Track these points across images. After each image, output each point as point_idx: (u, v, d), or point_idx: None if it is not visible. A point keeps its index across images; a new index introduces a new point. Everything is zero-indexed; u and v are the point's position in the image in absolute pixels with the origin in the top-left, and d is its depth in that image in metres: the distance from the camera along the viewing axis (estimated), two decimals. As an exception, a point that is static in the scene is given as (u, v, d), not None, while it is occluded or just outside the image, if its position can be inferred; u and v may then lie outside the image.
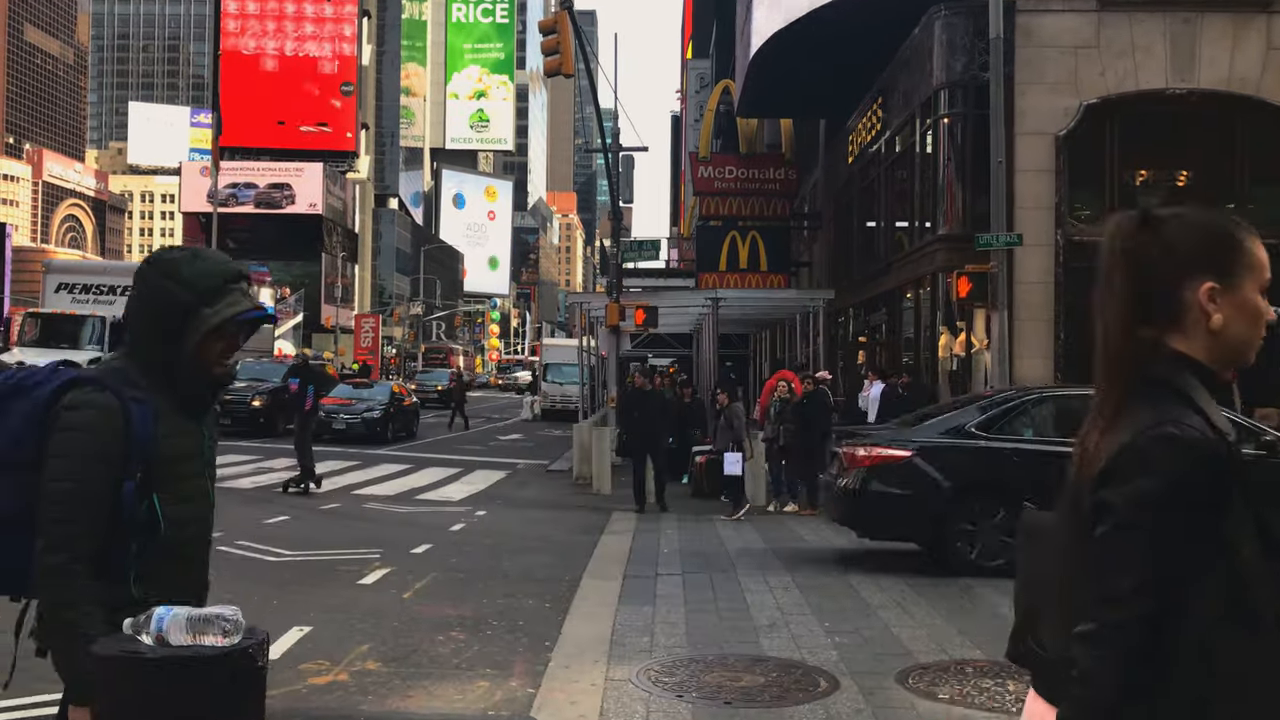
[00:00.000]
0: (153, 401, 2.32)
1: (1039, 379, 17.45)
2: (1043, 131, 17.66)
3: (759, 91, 26.84)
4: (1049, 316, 17.72)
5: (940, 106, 18.78)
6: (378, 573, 8.59)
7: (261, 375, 26.01)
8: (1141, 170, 18.69)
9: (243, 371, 25.55)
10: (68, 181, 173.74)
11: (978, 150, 18.53)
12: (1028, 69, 17.73)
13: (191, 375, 2.38)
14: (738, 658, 6.18)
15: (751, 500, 14.78)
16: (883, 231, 23.27)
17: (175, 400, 2.38)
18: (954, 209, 18.73)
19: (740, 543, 10.94)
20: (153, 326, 2.38)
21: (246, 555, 9.48)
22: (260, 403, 24.67)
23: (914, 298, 20.46)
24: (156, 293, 2.39)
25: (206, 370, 2.41)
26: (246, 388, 24.90)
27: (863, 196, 25.37)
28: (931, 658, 6.27)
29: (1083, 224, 18.27)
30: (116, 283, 25.81)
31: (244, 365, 25.92)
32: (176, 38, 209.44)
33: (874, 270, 23.81)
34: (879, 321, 24.27)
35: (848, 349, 27.01)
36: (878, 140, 23.11)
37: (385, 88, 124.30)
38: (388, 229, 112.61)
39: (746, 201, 30.16)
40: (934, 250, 18.89)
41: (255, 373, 25.99)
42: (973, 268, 15.50)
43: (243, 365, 25.95)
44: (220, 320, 2.36)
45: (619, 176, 20.78)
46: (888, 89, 22.23)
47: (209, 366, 2.41)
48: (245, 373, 25.54)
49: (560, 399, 39.05)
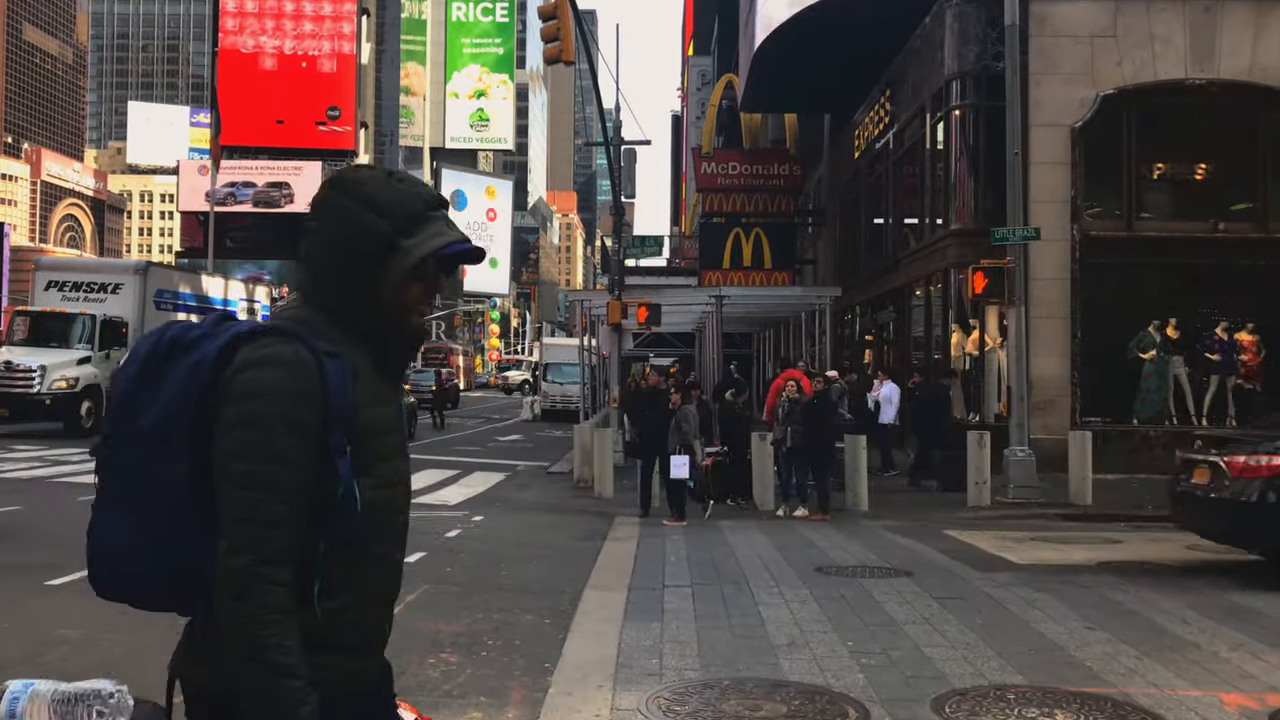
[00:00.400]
0: (348, 357, 1.84)
1: (1055, 378, 16.94)
2: (1058, 123, 17.15)
3: (763, 85, 26.30)
4: (1065, 313, 17.20)
5: (952, 98, 18.26)
6: (366, 585, 8.04)
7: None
8: (1159, 163, 18.15)
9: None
10: (66, 181, 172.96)
11: (991, 142, 17.99)
12: (1042, 59, 17.22)
13: (391, 325, 1.93)
14: (756, 682, 5.64)
15: (760, 504, 14.26)
16: (891, 227, 22.74)
17: (371, 358, 1.92)
18: (966, 203, 18.21)
19: (750, 551, 10.40)
20: (342, 264, 1.90)
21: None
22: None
23: (924, 295, 19.92)
24: (347, 221, 1.90)
25: (404, 319, 1.94)
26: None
27: (870, 192, 24.84)
28: (968, 682, 5.73)
29: (1099, 218, 17.76)
30: (107, 280, 25.27)
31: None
32: (176, 37, 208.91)
33: (881, 267, 23.27)
34: (887, 319, 23.73)
35: (854, 347, 26.47)
36: (885, 134, 22.57)
37: (385, 86, 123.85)
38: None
39: (750, 198, 29.63)
40: (945, 246, 18.36)
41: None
42: (988, 262, 14.97)
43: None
44: (422, 254, 1.90)
45: (621, 171, 20.24)
46: (896, 81, 21.70)
47: (406, 314, 1.94)
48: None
49: (560, 399, 38.58)
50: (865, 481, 14.33)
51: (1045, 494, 14.69)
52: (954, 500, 14.88)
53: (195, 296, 28.09)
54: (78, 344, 23.59)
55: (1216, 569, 9.45)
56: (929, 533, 12.01)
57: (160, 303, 26.05)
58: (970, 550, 10.52)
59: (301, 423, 1.75)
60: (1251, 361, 17.58)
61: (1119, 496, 15.08)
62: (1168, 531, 12.29)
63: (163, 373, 1.83)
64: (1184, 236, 17.42)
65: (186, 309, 27.56)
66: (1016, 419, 14.90)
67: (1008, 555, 10.25)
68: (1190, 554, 10.40)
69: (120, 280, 25.21)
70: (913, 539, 11.49)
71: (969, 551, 10.42)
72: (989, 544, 11.01)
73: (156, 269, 27.71)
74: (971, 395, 18.26)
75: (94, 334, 23.68)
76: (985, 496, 14.31)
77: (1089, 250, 17.26)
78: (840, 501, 13.98)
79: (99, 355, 23.63)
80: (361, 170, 2.00)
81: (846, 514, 13.72)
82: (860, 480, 14.25)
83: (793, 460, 13.87)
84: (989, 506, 14.21)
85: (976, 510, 14.04)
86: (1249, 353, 17.64)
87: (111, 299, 24.98)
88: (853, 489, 14.25)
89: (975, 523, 13.00)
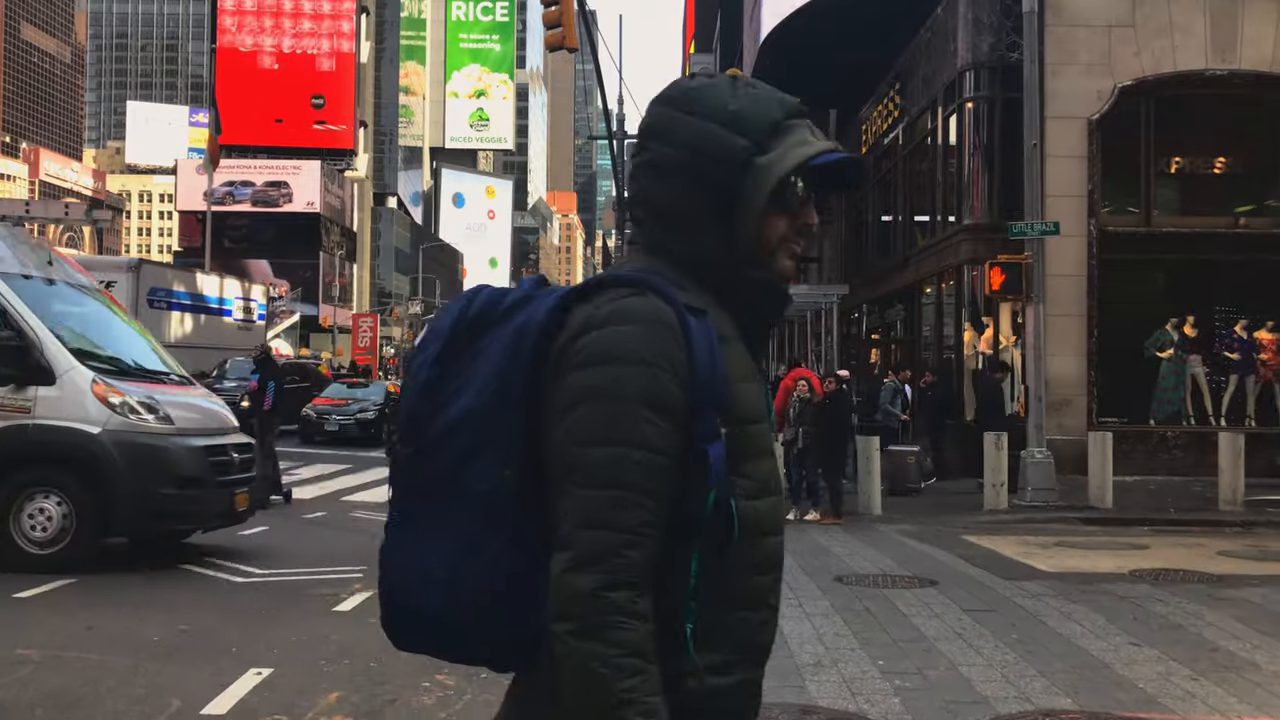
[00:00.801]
0: (710, 317, 1.41)
1: (1072, 377, 16.45)
2: (1074, 115, 16.65)
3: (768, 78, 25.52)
4: (1081, 311, 16.71)
5: (965, 89, 17.76)
6: (357, 597, 7.53)
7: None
8: (1178, 156, 17.67)
9: (233, 370, 24.49)
10: (65, 181, 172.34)
11: (1006, 135, 17.50)
12: (1059, 49, 16.73)
13: (752, 273, 1.48)
14: (782, 709, 5.14)
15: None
16: (900, 224, 22.24)
17: (730, 319, 1.47)
18: (979, 198, 17.71)
19: (763, 557, 9.90)
20: (687, 197, 1.47)
21: (212, 575, 8.43)
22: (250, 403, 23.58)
23: (935, 292, 19.42)
24: (690, 141, 1.46)
25: (770, 262, 1.50)
26: (237, 386, 23.90)
27: (877, 188, 24.34)
28: (1013, 706, 5.24)
29: (1116, 213, 17.27)
30: (101, 278, 24.55)
31: (233, 364, 24.86)
32: (175, 37, 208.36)
33: (889, 265, 22.79)
34: (895, 318, 23.23)
35: (860, 347, 25.98)
36: (894, 128, 22.09)
37: (384, 85, 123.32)
38: (386, 228, 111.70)
39: (754, 195, 29.07)
40: (958, 242, 17.87)
41: (244, 372, 24.94)
42: (1005, 257, 14.47)
43: (231, 364, 24.90)
44: (788, 168, 1.44)
45: (625, 165, 19.74)
46: (906, 73, 21.21)
47: (772, 257, 1.50)
48: (236, 371, 24.47)
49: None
50: (878, 484, 13.84)
51: (1064, 496, 14.21)
52: (970, 503, 14.40)
53: (190, 295, 27.59)
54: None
55: (1257, 578, 8.96)
56: (947, 538, 11.53)
57: (154, 301, 25.54)
58: (994, 557, 10.02)
59: (665, 398, 1.33)
60: (1272, 361, 17.10)
61: (1139, 499, 14.60)
62: (1194, 536, 11.83)
63: (474, 349, 1.42)
64: (1203, 232, 16.95)
65: (180, 307, 27.08)
66: (1034, 420, 14.41)
67: (1034, 562, 9.75)
68: (1223, 561, 9.92)
69: (112, 278, 24.63)
70: (931, 544, 11.00)
71: (993, 558, 9.93)
72: (1013, 550, 10.52)
73: (149, 266, 27.22)
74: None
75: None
76: (1003, 499, 13.82)
77: (1106, 246, 16.77)
78: (852, 504, 13.50)
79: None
80: (697, 77, 1.54)
81: (859, 518, 13.24)
82: (873, 483, 13.76)
83: (803, 462, 13.38)
84: (1007, 510, 13.72)
85: (995, 514, 13.55)
86: (1269, 351, 17.16)
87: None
88: (865, 492, 13.77)
89: (994, 527, 12.51)
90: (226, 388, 23.84)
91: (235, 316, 30.50)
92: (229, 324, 30.05)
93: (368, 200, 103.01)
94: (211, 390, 23.61)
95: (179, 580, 8.19)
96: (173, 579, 8.20)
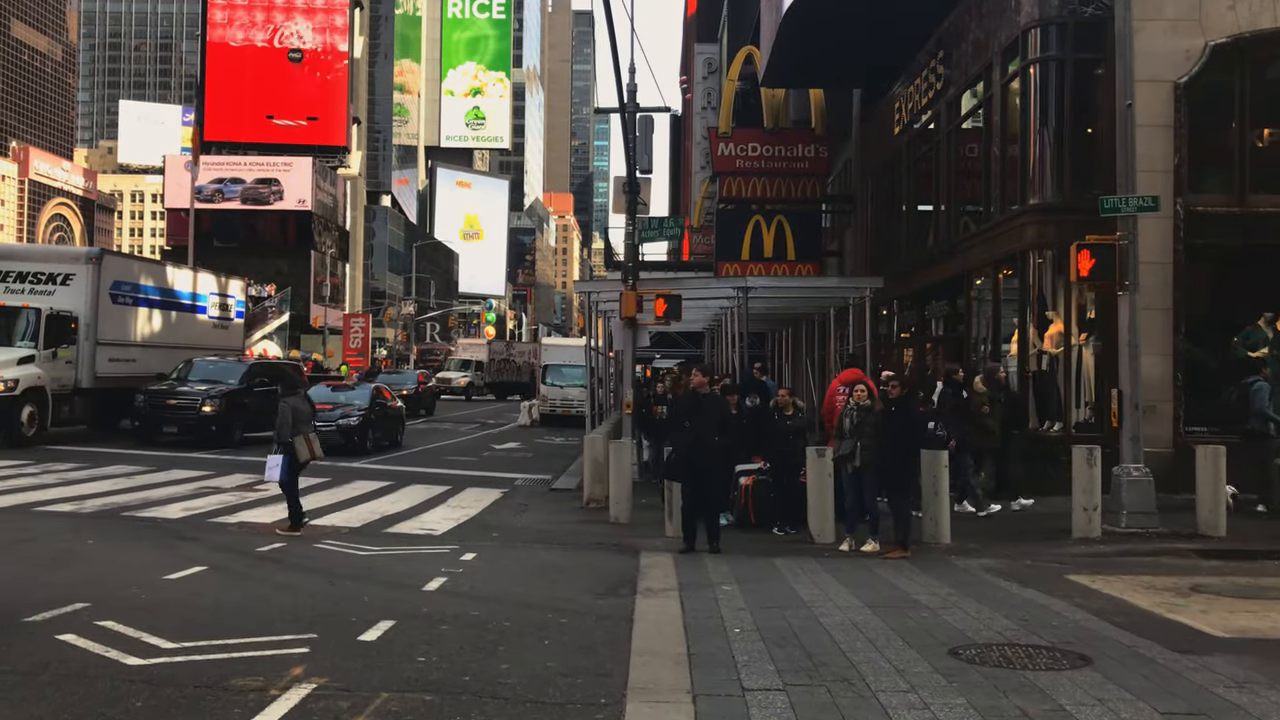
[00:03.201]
0: None
1: (1156, 380, 14.19)
2: (1158, 78, 14.43)
3: (790, 54, 23.53)
4: (1167, 304, 14.51)
5: (1029, 50, 15.54)
6: (292, 695, 5.27)
7: (216, 376, 22.69)
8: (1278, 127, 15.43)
9: (195, 371, 22.28)
10: (55, 180, 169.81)
11: (1078, 100, 15.29)
12: (1141, 3, 14.43)
13: None
14: None
15: (817, 535, 11.54)
16: (943, 210, 19.97)
17: None
18: (1046, 174, 15.48)
19: (836, 611, 7.67)
20: None
21: (99, 651, 6.09)
22: (211, 408, 21.34)
23: (990, 284, 17.16)
24: None
25: None
26: (198, 391, 21.68)
27: (913, 172, 22.10)
28: None
29: (1206, 191, 15.07)
30: (56, 270, 22.46)
31: (198, 364, 22.63)
32: (169, 36, 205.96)
33: (928, 256, 20.54)
34: (937, 314, 20.96)
35: (891, 347, 23.72)
36: (935, 102, 19.83)
37: (378, 82, 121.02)
38: (380, 227, 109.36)
39: (772, 182, 26.88)
40: (1020, 225, 15.64)
41: (209, 373, 22.64)
42: (1095, 238, 12.22)
43: (197, 364, 22.67)
44: None
45: (637, 140, 17.50)
46: (951, 40, 18.97)
47: None
48: (198, 372, 22.28)
49: (560, 403, 35.96)
50: (947, 507, 11.62)
51: (1163, 521, 11.97)
52: (1048, 527, 12.22)
53: (159, 289, 25.27)
54: (20, 341, 20.79)
55: None
56: (1049, 578, 9.33)
57: (117, 295, 23.25)
58: (1132, 612, 7.80)
59: None
60: (1380, 361, 14.86)
61: (1252, 525, 12.39)
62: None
63: None
64: (1306, 213, 14.74)
65: (149, 303, 24.79)
66: (1129, 430, 12.17)
67: (1190, 620, 7.52)
68: None
69: (70, 270, 22.41)
70: (1035, 588, 8.79)
71: (1133, 615, 7.70)
72: (1146, 599, 8.29)
73: (113, 258, 24.92)
74: (1053, 400, 15.51)
75: (39, 330, 20.89)
76: (1095, 526, 11.60)
77: (1194, 229, 14.58)
78: (915, 531, 11.27)
79: (45, 354, 20.84)
80: None
81: (925, 548, 11.05)
82: (941, 506, 11.54)
83: (860, 481, 11.14)
84: (1100, 538, 11.50)
85: (1088, 543, 11.33)
86: (1376, 350, 14.93)
87: (61, 291, 22.15)
88: (932, 517, 11.54)
89: (1097, 563, 10.31)
90: (185, 391, 21.64)
91: (210, 314, 28.19)
92: (203, 321, 27.74)
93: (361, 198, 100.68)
94: (173, 392, 21.69)
95: (38, 664, 5.87)
96: (35, 663, 5.88)
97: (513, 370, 57.55)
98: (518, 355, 59.32)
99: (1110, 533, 11.69)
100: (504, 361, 58.55)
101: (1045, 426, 15.56)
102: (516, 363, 58.11)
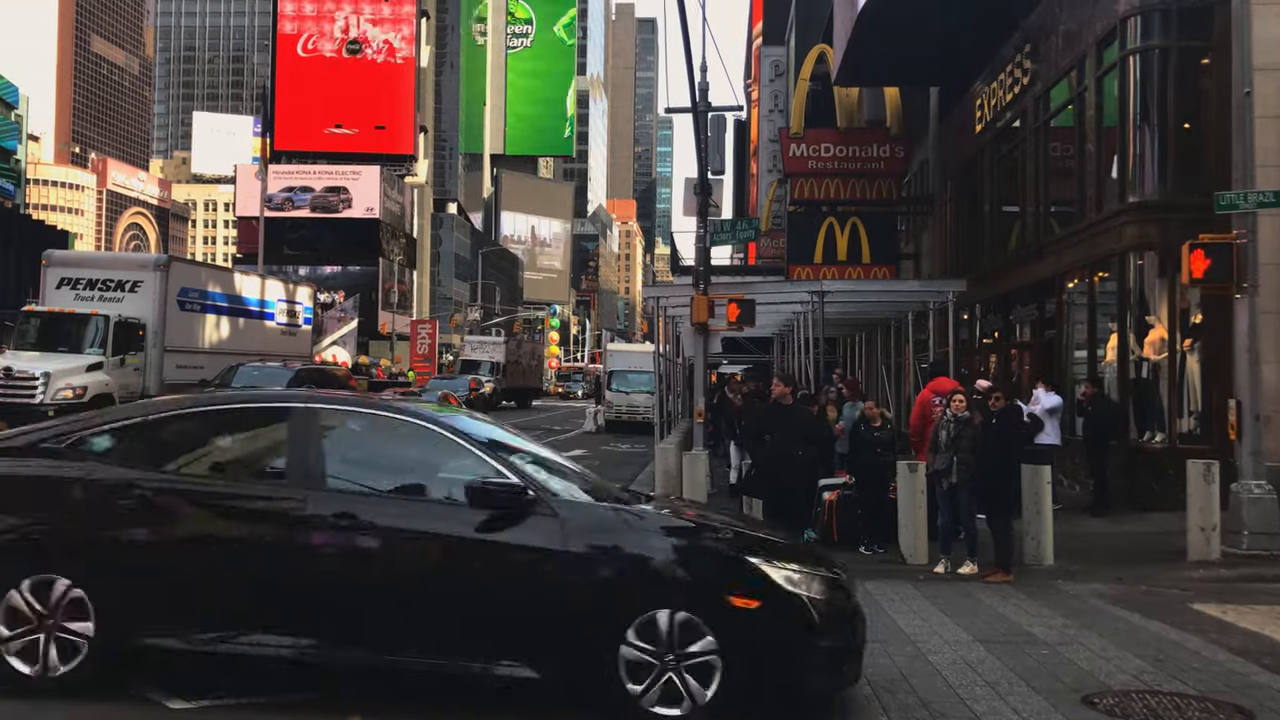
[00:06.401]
0: None
1: (1273, 388, 13.18)
2: (1276, 67, 13.44)
3: (866, 53, 22.69)
4: (1283, 307, 13.49)
5: (1128, 40, 14.62)
6: None
7: (260, 382, 22.28)
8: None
9: (239, 377, 21.73)
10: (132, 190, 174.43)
11: (1182, 91, 14.35)
12: (1254, -16, 13.45)
13: None
14: None
15: (909, 555, 10.80)
16: (1031, 210, 19.03)
17: None
18: (1146, 170, 14.56)
19: (945, 647, 6.97)
20: None
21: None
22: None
23: (1085, 287, 16.23)
24: None
25: None
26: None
27: (997, 171, 21.17)
28: None
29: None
30: (124, 277, 22.45)
31: (243, 370, 22.22)
32: (241, 49, 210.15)
33: (1014, 258, 19.62)
34: (1024, 319, 20.01)
35: (973, 353, 22.78)
36: (1023, 97, 18.92)
37: (444, 91, 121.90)
38: (447, 234, 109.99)
39: (846, 183, 26.05)
40: (1120, 224, 14.72)
41: (253, 379, 22.05)
42: (1209, 238, 11.32)
43: (241, 370, 22.25)
44: None
45: (708, 140, 16.88)
46: (1039, 32, 18.07)
47: None
48: (241, 379, 21.70)
49: (626, 409, 35.48)
50: (1051, 526, 10.80)
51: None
52: (1158, 547, 11.36)
53: (226, 296, 25.22)
54: (89, 348, 20.78)
55: None
56: (1172, 608, 8.50)
57: (185, 302, 23.21)
58: (1276, 651, 6.97)
59: None
60: None
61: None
62: None
63: None
64: None
65: (216, 310, 24.73)
66: (1250, 445, 11.24)
67: (1349, 662, 6.69)
68: None
69: (138, 277, 22.38)
70: (1160, 620, 7.99)
71: (1277, 654, 6.87)
72: (1290, 635, 7.46)
73: (180, 264, 24.88)
74: (1154, 409, 14.56)
75: (107, 337, 20.86)
76: (1214, 548, 10.69)
77: (1313, 227, 13.54)
78: (1017, 552, 10.47)
79: (113, 361, 20.81)
80: None
81: (1027, 570, 10.24)
82: (1044, 525, 10.72)
83: (956, 498, 10.38)
84: (1220, 560, 10.60)
85: (1206, 566, 10.45)
86: None
87: (129, 298, 22.13)
88: (1034, 535, 10.74)
89: (1221, 589, 9.44)
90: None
91: (278, 320, 28.11)
92: (271, 328, 27.67)
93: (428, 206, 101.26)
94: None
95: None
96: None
97: (519, 373, 51.94)
98: (525, 356, 54.44)
99: (1230, 555, 10.78)
100: (514, 364, 51.61)
101: (1146, 438, 14.63)
102: (524, 365, 53.15)
